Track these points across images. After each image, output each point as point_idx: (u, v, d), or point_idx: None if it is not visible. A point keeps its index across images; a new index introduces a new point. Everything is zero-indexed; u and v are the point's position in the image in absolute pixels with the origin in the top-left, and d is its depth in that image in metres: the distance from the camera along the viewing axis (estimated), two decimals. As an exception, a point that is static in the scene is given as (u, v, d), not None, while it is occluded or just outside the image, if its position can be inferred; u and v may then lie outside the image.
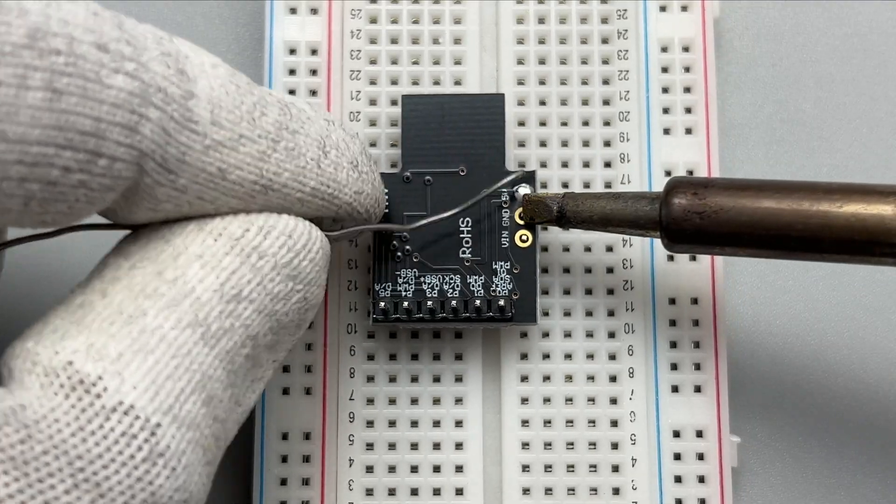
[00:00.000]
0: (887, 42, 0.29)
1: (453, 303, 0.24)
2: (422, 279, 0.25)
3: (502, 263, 0.25)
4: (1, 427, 0.16)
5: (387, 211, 0.25)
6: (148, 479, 0.17)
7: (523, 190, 0.25)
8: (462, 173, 0.25)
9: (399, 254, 0.25)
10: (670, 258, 0.26)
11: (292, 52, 0.27)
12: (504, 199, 0.25)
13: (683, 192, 0.22)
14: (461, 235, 0.25)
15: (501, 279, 0.25)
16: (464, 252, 0.25)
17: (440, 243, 0.25)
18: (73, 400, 0.17)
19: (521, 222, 0.25)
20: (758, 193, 0.22)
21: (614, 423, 0.26)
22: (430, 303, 0.24)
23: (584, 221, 0.24)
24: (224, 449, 0.20)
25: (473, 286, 0.25)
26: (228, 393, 0.19)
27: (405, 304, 0.24)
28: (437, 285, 0.25)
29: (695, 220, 0.22)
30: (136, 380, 0.17)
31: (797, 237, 0.21)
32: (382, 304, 0.25)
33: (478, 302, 0.24)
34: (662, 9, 0.27)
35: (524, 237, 0.25)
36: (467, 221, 0.25)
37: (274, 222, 0.20)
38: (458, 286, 0.25)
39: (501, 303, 0.24)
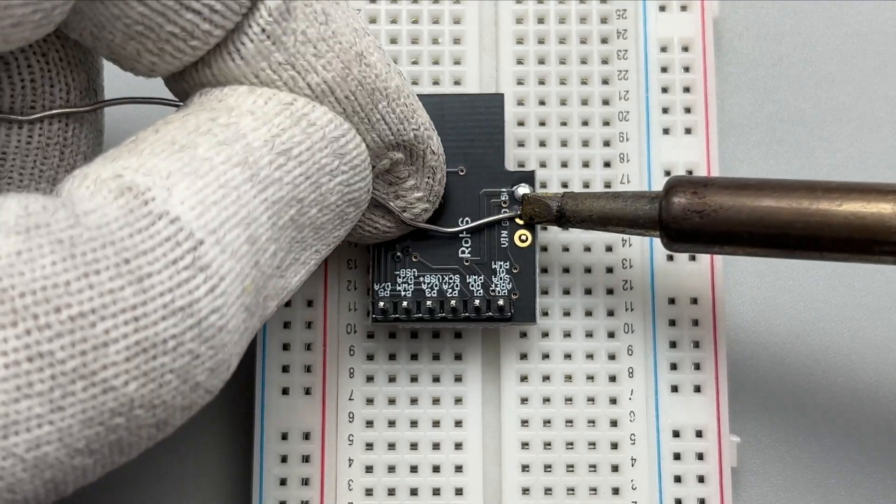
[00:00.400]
0: (887, 42, 0.29)
1: (452, 302, 0.24)
2: (421, 279, 0.25)
3: (501, 263, 0.25)
4: (52, 212, 0.16)
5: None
6: (188, 287, 0.17)
7: (522, 190, 0.25)
8: (461, 173, 0.25)
9: (398, 254, 0.25)
10: (670, 258, 0.26)
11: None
12: (504, 199, 0.25)
13: (683, 190, 0.22)
14: (460, 235, 0.25)
15: (501, 279, 0.25)
16: (463, 252, 0.25)
17: (439, 243, 0.25)
18: (121, 202, 0.17)
19: (521, 222, 0.25)
20: (757, 192, 0.22)
21: (614, 423, 0.26)
22: (429, 302, 0.24)
23: (584, 221, 0.24)
24: (260, 318, 0.19)
25: (473, 286, 0.25)
26: (272, 248, 0.19)
27: (404, 303, 0.24)
28: (436, 285, 0.25)
29: (694, 218, 0.22)
30: (184, 196, 0.17)
31: (797, 236, 0.21)
32: (382, 303, 0.25)
33: (477, 302, 0.24)
34: (662, 8, 0.27)
35: (523, 237, 0.25)
36: (467, 221, 0.25)
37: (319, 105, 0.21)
38: (457, 286, 0.25)
39: (501, 303, 0.24)
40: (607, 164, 0.27)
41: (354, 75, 0.21)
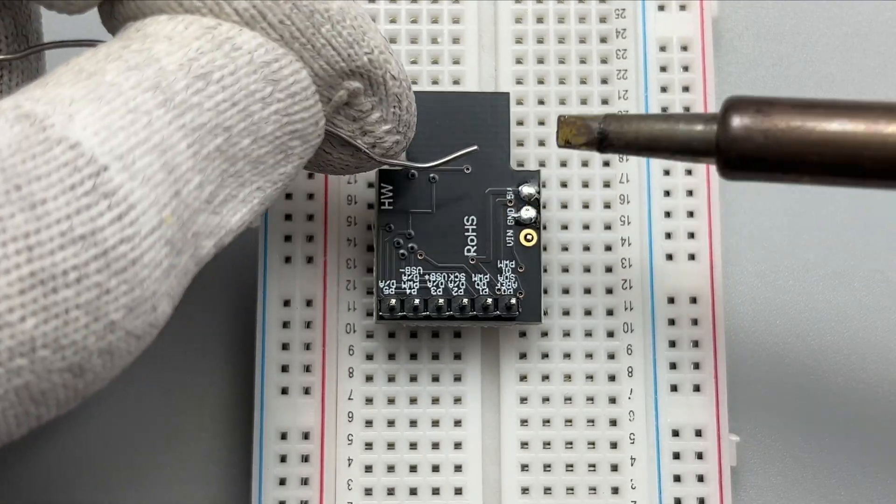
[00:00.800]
0: (887, 42, 0.29)
1: (463, 301, 0.24)
2: (427, 277, 0.25)
3: (507, 262, 0.25)
4: None
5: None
6: (89, 214, 0.16)
7: (527, 189, 0.25)
8: (467, 171, 0.25)
9: (403, 251, 0.25)
10: (668, 257, 0.26)
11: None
12: (509, 198, 0.25)
13: (745, 109, 0.20)
14: (466, 234, 0.25)
15: (507, 278, 0.25)
16: (469, 251, 0.25)
17: (445, 241, 0.25)
18: (16, 129, 0.16)
19: (561, 144, 0.23)
20: (828, 111, 0.20)
21: (613, 423, 0.26)
22: (440, 300, 0.24)
23: (628, 145, 0.22)
24: (192, 257, 0.18)
25: (478, 285, 0.25)
26: (197, 179, 0.18)
27: (415, 301, 0.24)
28: (442, 283, 0.25)
29: (758, 139, 0.20)
30: (87, 122, 0.17)
31: (872, 159, 0.19)
32: (391, 301, 0.24)
33: (485, 300, 0.24)
34: (661, 8, 0.27)
35: (529, 236, 0.25)
36: (472, 220, 0.25)
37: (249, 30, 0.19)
38: (463, 284, 0.25)
39: (512, 301, 0.24)
40: (606, 164, 0.27)
41: None
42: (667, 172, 0.27)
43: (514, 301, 0.24)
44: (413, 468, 0.26)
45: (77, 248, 0.16)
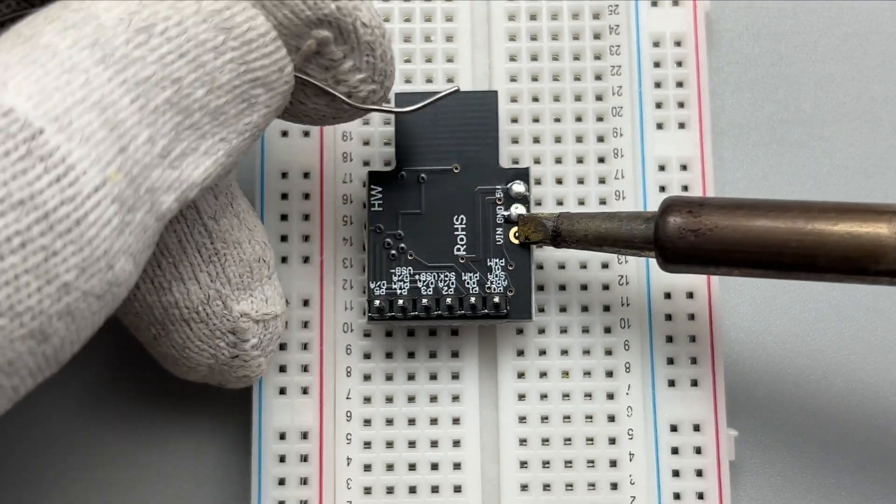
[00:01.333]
0: (887, 42, 0.29)
1: (448, 300, 0.24)
2: (417, 277, 0.25)
3: (497, 260, 0.25)
4: None
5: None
6: (25, 179, 0.16)
7: (517, 187, 0.25)
8: (456, 171, 0.25)
9: (394, 252, 0.25)
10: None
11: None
12: (498, 196, 0.25)
13: (678, 210, 0.23)
14: (456, 233, 0.25)
15: (496, 276, 0.25)
16: (458, 249, 0.25)
17: (435, 241, 0.25)
18: None
19: (516, 242, 0.25)
20: (752, 212, 0.22)
21: (611, 419, 0.26)
22: (425, 300, 0.24)
23: (579, 241, 0.24)
24: (149, 212, 0.18)
25: (468, 283, 0.25)
26: (145, 133, 0.18)
27: (400, 302, 0.25)
28: (432, 283, 0.25)
29: (689, 238, 0.22)
30: (21, 87, 0.16)
31: (792, 255, 0.21)
32: (378, 302, 0.25)
33: (473, 299, 0.24)
34: (654, 3, 0.27)
35: (518, 234, 0.25)
36: (462, 219, 0.25)
37: None
38: (453, 283, 0.25)
39: (497, 300, 0.24)
40: (601, 160, 0.27)
41: None
42: (662, 168, 0.27)
43: (497, 300, 0.24)
44: (412, 466, 0.26)
45: (17, 213, 0.16)
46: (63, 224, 0.16)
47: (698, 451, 0.26)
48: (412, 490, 0.26)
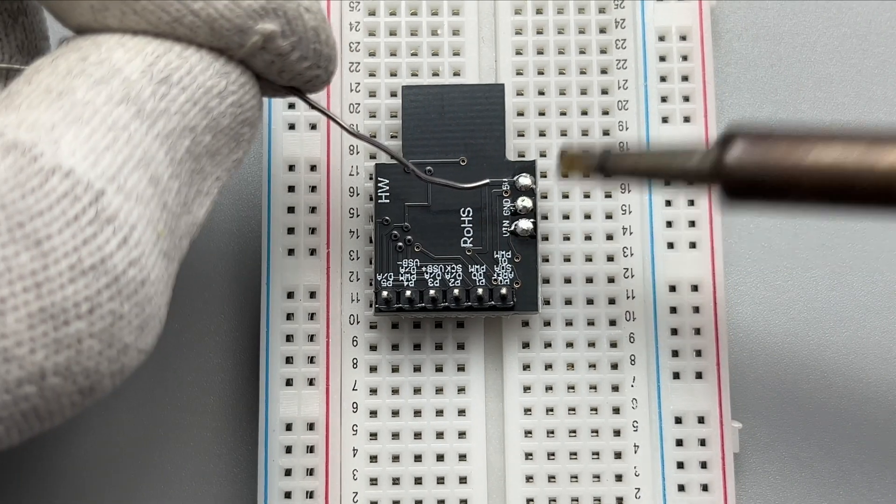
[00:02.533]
0: (887, 42, 0.29)
1: (455, 292, 0.25)
2: (423, 269, 0.25)
3: (503, 252, 0.25)
4: None
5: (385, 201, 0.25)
6: (96, 243, 0.16)
7: (524, 179, 0.25)
8: (462, 163, 0.25)
9: (400, 244, 0.25)
10: (670, 245, 0.26)
11: (291, 44, 0.27)
12: (505, 188, 0.25)
13: (743, 139, 0.20)
14: (462, 225, 0.25)
15: (503, 268, 0.25)
16: (465, 241, 0.25)
17: (441, 233, 0.25)
18: (8, 162, 0.16)
19: (563, 173, 0.23)
20: (822, 141, 0.20)
21: (616, 411, 0.26)
22: (431, 292, 0.25)
23: (628, 171, 0.22)
24: (178, 260, 0.18)
25: (475, 275, 0.25)
26: (176, 185, 0.18)
27: (407, 293, 0.25)
28: (438, 275, 0.25)
29: (754, 169, 0.20)
30: (74, 147, 0.16)
31: (863, 187, 0.19)
32: (385, 293, 0.25)
33: (479, 291, 0.25)
34: (659, -3, 0.27)
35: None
36: (468, 211, 0.25)
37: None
38: (459, 275, 0.25)
39: (503, 291, 0.24)
40: (607, 154, 0.27)
41: None
42: (667, 161, 0.27)
43: (504, 292, 0.24)
44: (417, 457, 0.26)
45: (88, 279, 0.16)
46: (130, 286, 0.16)
47: (703, 443, 0.26)
48: (418, 481, 0.26)
